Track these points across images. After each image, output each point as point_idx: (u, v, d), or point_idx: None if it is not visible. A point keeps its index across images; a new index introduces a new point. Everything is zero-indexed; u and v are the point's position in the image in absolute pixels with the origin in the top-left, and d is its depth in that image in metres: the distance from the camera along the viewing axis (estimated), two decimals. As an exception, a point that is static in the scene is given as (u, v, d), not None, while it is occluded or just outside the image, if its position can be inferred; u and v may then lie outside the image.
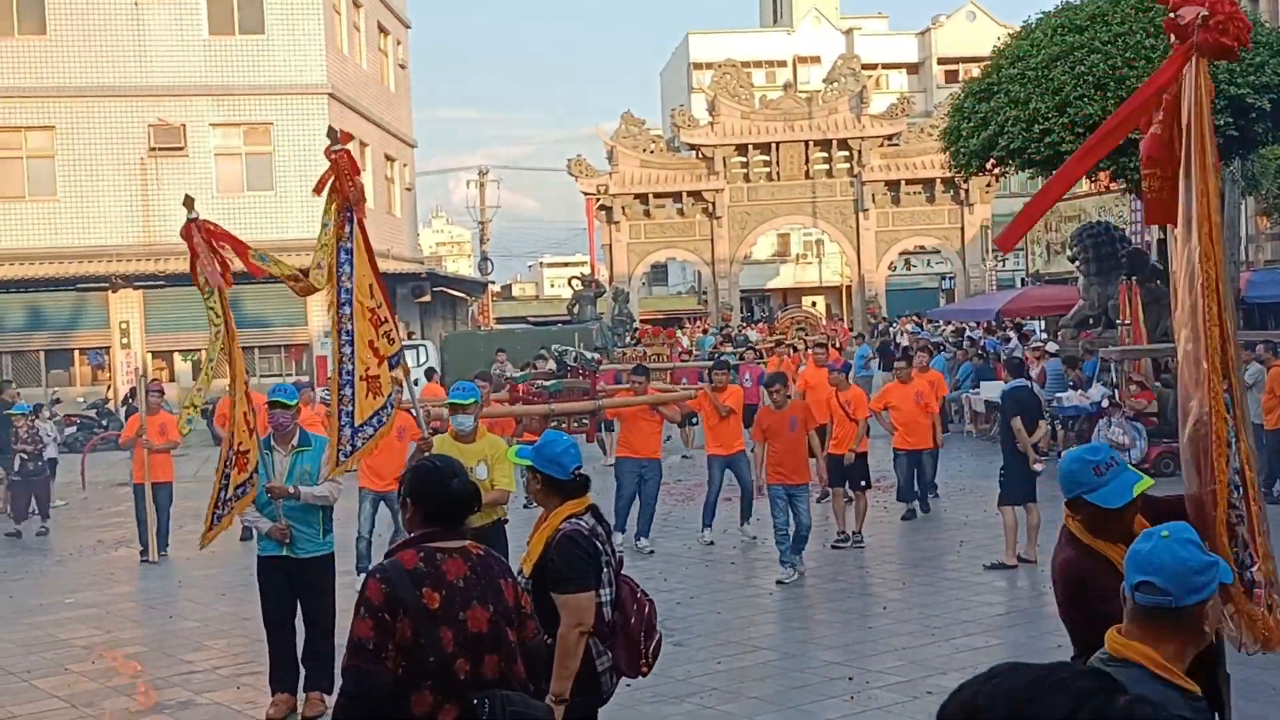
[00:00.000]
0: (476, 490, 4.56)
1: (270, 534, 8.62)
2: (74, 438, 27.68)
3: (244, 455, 8.73)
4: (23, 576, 14.77)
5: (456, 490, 4.40)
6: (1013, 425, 12.81)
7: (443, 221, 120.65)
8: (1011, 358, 15.74)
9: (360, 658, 4.05)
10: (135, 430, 15.43)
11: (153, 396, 15.92)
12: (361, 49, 40.11)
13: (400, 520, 4.59)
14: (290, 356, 35.48)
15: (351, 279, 8.33)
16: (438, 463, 4.58)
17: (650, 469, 14.12)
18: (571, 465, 5.37)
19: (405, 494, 4.45)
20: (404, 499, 4.46)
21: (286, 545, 8.60)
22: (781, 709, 8.41)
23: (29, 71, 33.89)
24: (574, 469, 5.37)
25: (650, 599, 5.57)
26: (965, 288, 49.37)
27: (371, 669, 4.03)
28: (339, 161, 8.31)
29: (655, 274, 60.00)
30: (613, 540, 5.52)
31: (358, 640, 4.06)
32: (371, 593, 4.10)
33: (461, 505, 4.40)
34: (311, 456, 8.73)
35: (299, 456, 8.76)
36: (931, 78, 72.32)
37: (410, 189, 46.53)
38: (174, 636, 11.40)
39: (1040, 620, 10.69)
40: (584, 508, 5.38)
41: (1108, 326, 23.03)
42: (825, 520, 14.45)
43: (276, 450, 8.83)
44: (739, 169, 48.20)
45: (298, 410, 9.11)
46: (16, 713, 9.10)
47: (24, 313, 34.28)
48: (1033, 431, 12.97)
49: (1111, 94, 19.73)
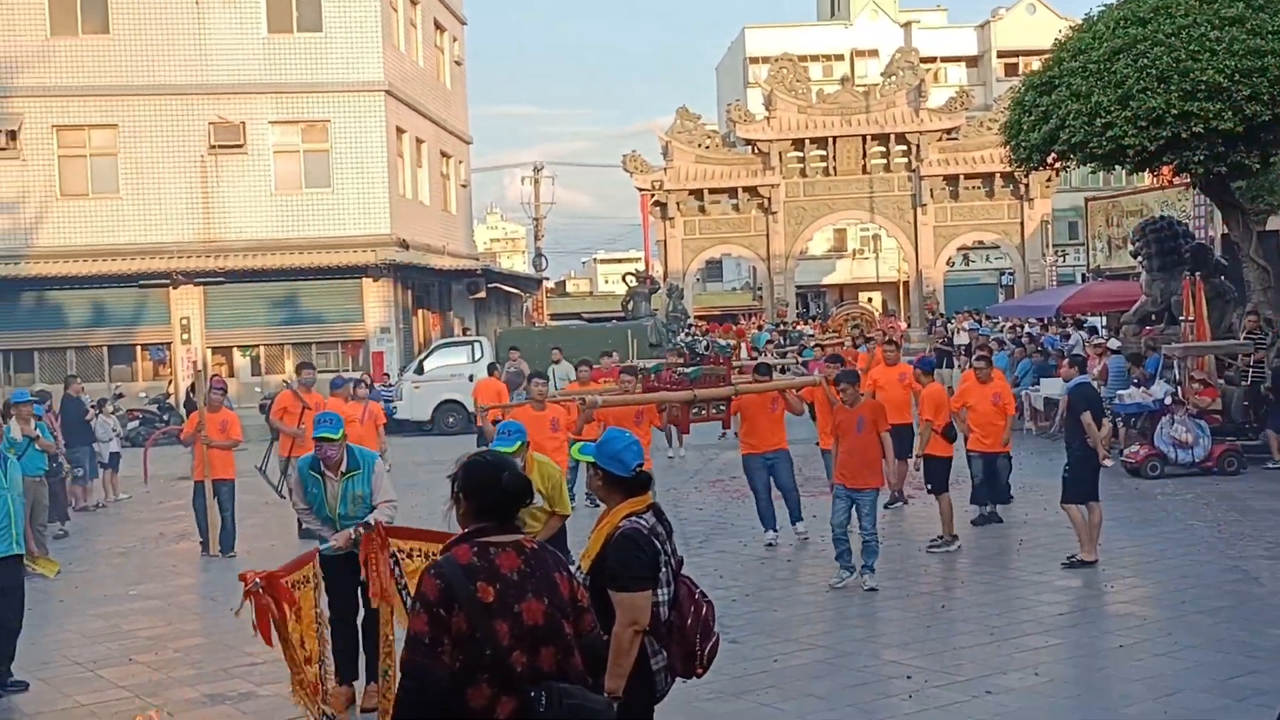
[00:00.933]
0: (528, 484, 4.56)
1: (337, 544, 8.62)
2: (136, 432, 28.04)
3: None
4: (87, 569, 14.94)
5: (509, 484, 4.40)
6: (1083, 421, 12.56)
7: (496, 218, 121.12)
8: (1075, 354, 15.43)
9: (417, 652, 4.07)
10: (195, 426, 15.36)
11: (214, 394, 15.94)
12: (418, 46, 40.34)
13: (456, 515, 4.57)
14: (347, 352, 35.74)
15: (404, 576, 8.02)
16: (489, 457, 4.58)
17: (778, 459, 14.17)
18: (633, 462, 5.35)
19: (458, 489, 4.45)
20: (456, 494, 4.46)
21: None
22: (839, 707, 8.37)
23: (92, 70, 34.38)
24: (635, 466, 5.35)
25: (709, 600, 5.54)
26: (1025, 283, 48.99)
27: (428, 663, 4.05)
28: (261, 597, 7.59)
29: (709, 270, 59.95)
30: (673, 539, 5.50)
31: (414, 635, 4.09)
32: (427, 588, 4.11)
33: (514, 500, 4.40)
34: (362, 480, 8.75)
35: (349, 482, 8.78)
36: (991, 71, 71.82)
37: (466, 185, 46.77)
38: (235, 629, 11.45)
39: (1101, 620, 10.60)
40: (645, 506, 5.36)
41: (1170, 323, 22.78)
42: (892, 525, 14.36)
43: (328, 476, 8.81)
44: (795, 164, 48.06)
45: (344, 437, 8.98)
46: (83, 702, 9.22)
47: (87, 309, 34.75)
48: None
49: (1175, 87, 19.48)
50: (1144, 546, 13.20)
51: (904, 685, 8.70)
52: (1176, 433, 18.27)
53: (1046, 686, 8.58)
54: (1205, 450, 18.19)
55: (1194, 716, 7.88)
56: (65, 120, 34.57)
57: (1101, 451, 12.73)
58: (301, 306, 35.40)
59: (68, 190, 34.88)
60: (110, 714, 8.91)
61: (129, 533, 17.66)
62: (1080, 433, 12.59)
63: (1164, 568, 12.34)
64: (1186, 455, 18.16)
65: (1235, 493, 16.55)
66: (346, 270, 34.58)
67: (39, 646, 10.98)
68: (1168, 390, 19.30)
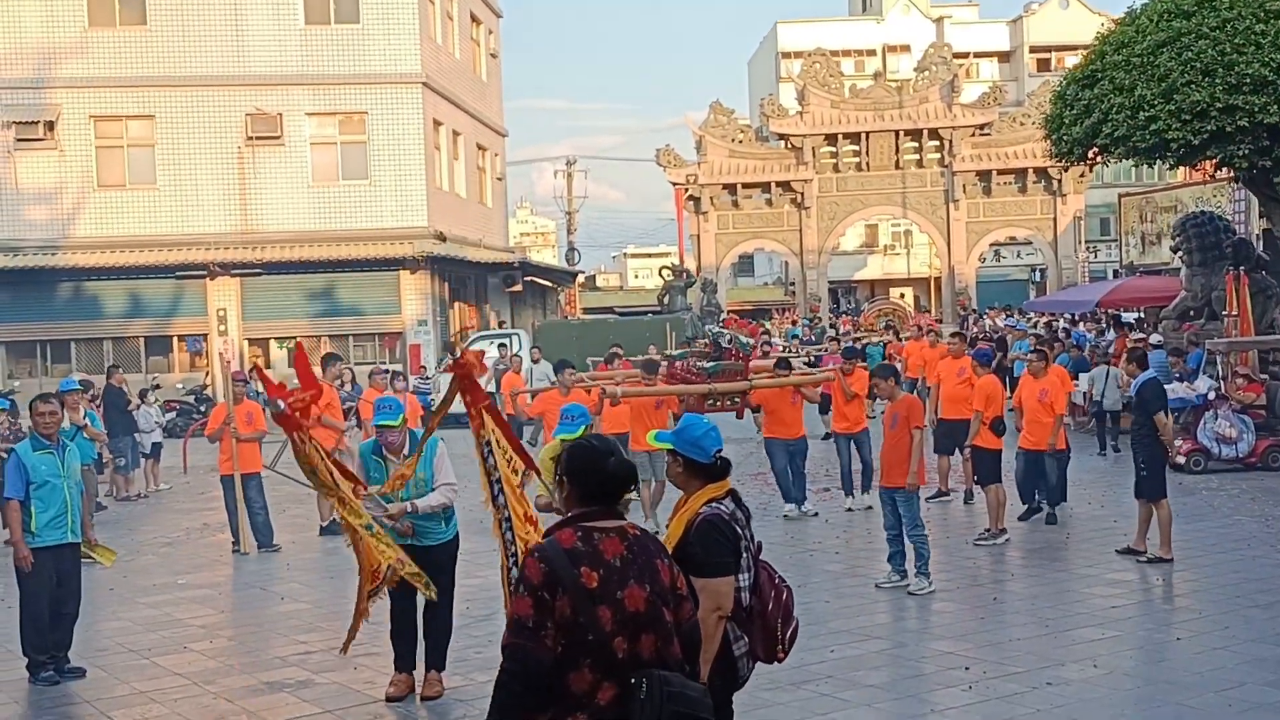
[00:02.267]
0: (633, 468, 4.55)
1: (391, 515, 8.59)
2: (173, 423, 28.16)
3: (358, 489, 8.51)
4: (133, 558, 15.01)
5: (614, 469, 4.40)
6: (1157, 421, 12.42)
7: (527, 212, 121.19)
8: (1135, 349, 15.21)
9: (520, 635, 4.06)
10: (222, 420, 15.22)
11: (237, 386, 15.87)
12: (455, 38, 40.40)
13: (559, 500, 4.57)
14: (384, 345, 35.84)
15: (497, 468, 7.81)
16: (594, 442, 4.58)
17: (798, 446, 15.76)
18: (712, 448, 5.34)
19: (562, 473, 4.45)
20: (560, 478, 4.47)
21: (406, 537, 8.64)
22: (900, 698, 8.37)
23: (130, 62, 34.56)
24: (715, 452, 5.35)
25: (789, 586, 5.54)
26: (1057, 279, 48.80)
27: (531, 646, 4.05)
28: (466, 363, 7.69)
29: (741, 264, 59.85)
30: (751, 525, 5.50)
31: (517, 618, 4.08)
32: (531, 571, 4.11)
33: (619, 484, 4.40)
34: (423, 463, 8.66)
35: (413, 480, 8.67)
36: (1023, 66, 71.48)
37: (501, 179, 46.83)
38: (288, 618, 11.56)
39: (1155, 613, 10.59)
40: (724, 491, 5.36)
41: (1210, 318, 22.65)
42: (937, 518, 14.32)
43: (389, 459, 8.86)
44: (828, 159, 47.97)
45: (404, 420, 9.07)
46: (141, 689, 9.28)
47: (124, 299, 34.94)
48: None
49: (1220, 80, 19.40)
50: (1192, 541, 13.14)
51: (962, 676, 8.69)
52: (1220, 428, 18.20)
53: (1106, 679, 8.55)
54: (1249, 445, 18.12)
55: (1261, 709, 7.84)
56: (103, 111, 34.75)
57: (1173, 449, 12.59)
58: (338, 298, 35.52)
59: (105, 181, 35.06)
60: (169, 700, 8.96)
61: (172, 523, 17.77)
62: (1152, 430, 12.44)
63: (1214, 562, 12.29)
64: (1230, 450, 18.08)
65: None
66: (383, 262, 34.68)
67: (94, 634, 11.08)
68: (1211, 385, 19.21)
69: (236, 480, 14.98)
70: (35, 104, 34.25)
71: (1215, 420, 18.22)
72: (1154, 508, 12.47)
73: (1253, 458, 18.06)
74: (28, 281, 33.71)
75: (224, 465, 15.42)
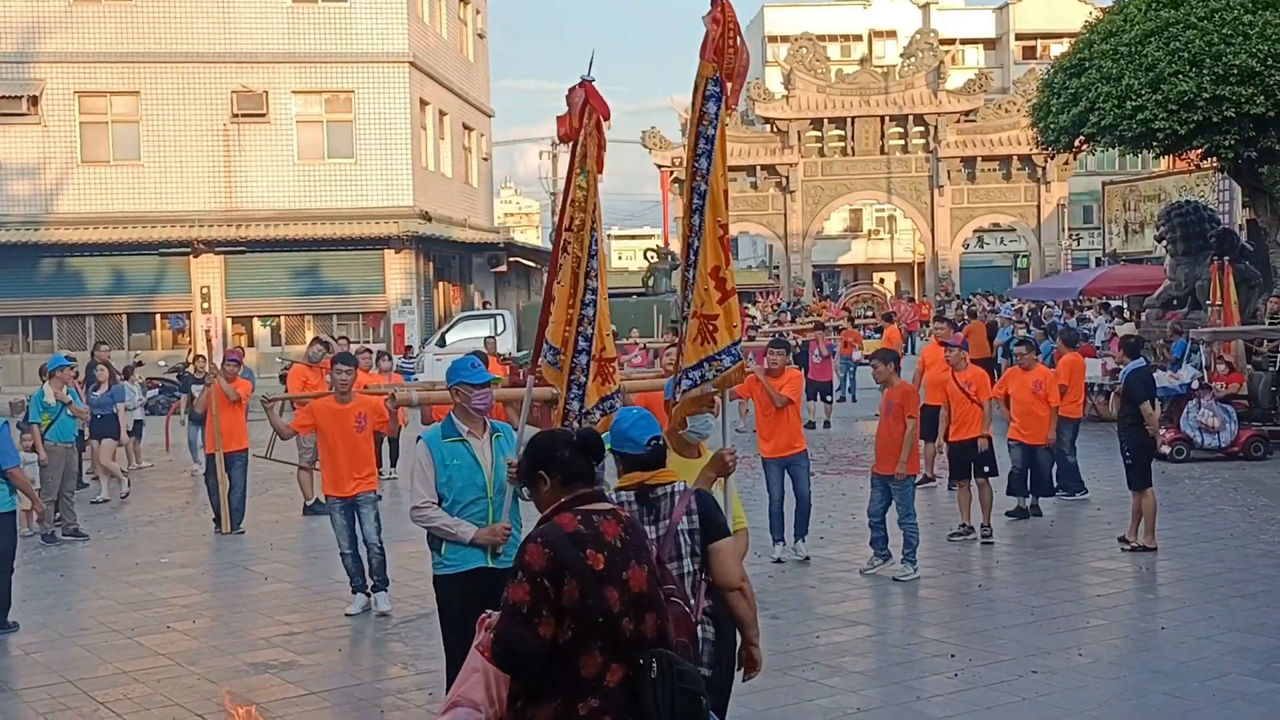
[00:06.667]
0: (599, 435, 4.55)
1: (479, 540, 6.80)
2: (155, 401, 28.03)
3: (609, 364, 6.90)
4: (115, 536, 14.98)
5: (581, 436, 4.47)
6: (1143, 411, 12.41)
7: (511, 192, 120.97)
8: (1128, 338, 15.16)
9: (513, 621, 4.03)
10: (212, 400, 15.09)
11: (229, 364, 15.71)
12: (442, 18, 40.27)
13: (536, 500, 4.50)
14: (368, 324, 35.76)
15: (708, 179, 6.05)
16: (548, 432, 4.60)
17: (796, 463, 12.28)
18: (645, 437, 5.20)
19: (535, 468, 4.40)
20: (533, 474, 4.42)
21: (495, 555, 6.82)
22: (886, 684, 8.38)
23: (115, 37, 34.36)
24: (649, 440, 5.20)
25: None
26: (1040, 266, 48.94)
27: (524, 633, 4.02)
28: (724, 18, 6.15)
29: (727, 247, 59.64)
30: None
31: (512, 604, 4.05)
32: (532, 557, 4.06)
33: (593, 451, 4.40)
34: (508, 443, 7.04)
35: (498, 444, 7.04)
36: (1009, 53, 71.58)
37: (487, 159, 46.73)
38: (270, 598, 11.52)
39: (1139, 603, 10.62)
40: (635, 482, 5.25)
41: (1193, 307, 22.73)
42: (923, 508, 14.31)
43: (472, 437, 6.99)
44: (813, 143, 48.00)
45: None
46: (126, 669, 9.23)
47: (107, 275, 34.84)
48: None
49: (1207, 70, 19.42)
50: (1175, 530, 13.16)
51: (947, 664, 8.70)
52: (1203, 417, 18.24)
53: (1092, 667, 8.58)
54: (1231, 435, 18.17)
55: (1244, 699, 7.88)
56: (87, 87, 34.57)
57: (1158, 438, 12.54)
58: (323, 277, 35.43)
59: (89, 157, 34.89)
60: (153, 680, 8.92)
61: (154, 501, 17.71)
62: (1139, 420, 12.41)
63: (1197, 551, 12.32)
64: (1213, 440, 18.13)
65: (1262, 478, 16.56)
66: (368, 241, 34.59)
67: (77, 613, 11.05)
68: (1194, 375, 19.27)
69: (219, 458, 14.86)
70: (19, 79, 34.04)
71: (1198, 409, 18.27)
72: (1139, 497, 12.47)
73: (1235, 447, 18.11)
74: (10, 257, 33.57)
75: (209, 443, 15.36)
